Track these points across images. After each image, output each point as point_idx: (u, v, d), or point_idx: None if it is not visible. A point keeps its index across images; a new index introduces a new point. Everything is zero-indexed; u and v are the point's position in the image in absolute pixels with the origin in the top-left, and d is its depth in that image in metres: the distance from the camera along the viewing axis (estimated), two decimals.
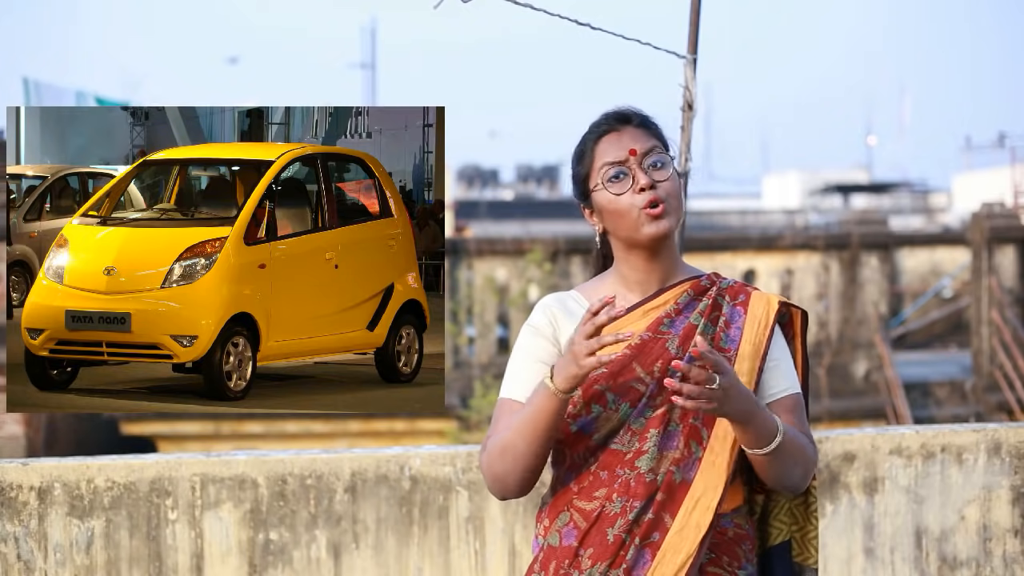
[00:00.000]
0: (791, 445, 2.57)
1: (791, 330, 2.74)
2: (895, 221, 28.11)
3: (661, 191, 2.64)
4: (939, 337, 19.53)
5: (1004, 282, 15.32)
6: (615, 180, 2.66)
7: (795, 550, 2.78)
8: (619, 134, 2.69)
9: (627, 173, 2.66)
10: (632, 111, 2.73)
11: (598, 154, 2.69)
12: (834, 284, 15.52)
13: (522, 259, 14.92)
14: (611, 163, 2.66)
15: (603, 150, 2.68)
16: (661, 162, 2.66)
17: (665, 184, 2.65)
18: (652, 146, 2.67)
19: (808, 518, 2.77)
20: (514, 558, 4.04)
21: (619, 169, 2.66)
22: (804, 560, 2.77)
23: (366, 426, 14.07)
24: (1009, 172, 23.82)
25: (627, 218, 2.65)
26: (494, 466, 2.61)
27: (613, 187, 2.66)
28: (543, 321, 2.69)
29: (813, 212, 40.50)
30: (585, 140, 2.72)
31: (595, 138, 2.70)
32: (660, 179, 2.65)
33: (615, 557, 2.55)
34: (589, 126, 2.73)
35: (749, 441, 2.54)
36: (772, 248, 15.68)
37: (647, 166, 2.65)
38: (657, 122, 2.75)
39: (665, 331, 2.63)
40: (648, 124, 2.72)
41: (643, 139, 2.68)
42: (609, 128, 2.70)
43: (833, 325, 15.47)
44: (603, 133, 2.70)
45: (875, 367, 15.25)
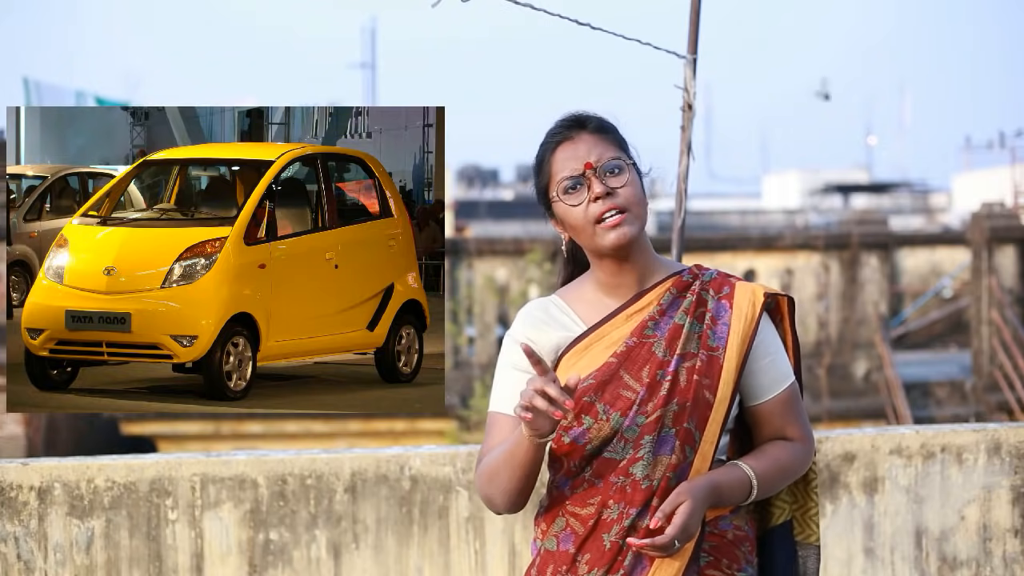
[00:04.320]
0: (772, 478, 2.64)
1: (778, 315, 2.73)
2: (895, 221, 28.09)
3: (619, 198, 2.60)
4: (939, 337, 19.52)
5: (1004, 282, 15.32)
6: (571, 192, 2.63)
7: (796, 529, 2.77)
8: (574, 143, 2.64)
9: (582, 183, 2.62)
10: (586, 115, 2.68)
11: (555, 166, 2.65)
12: (834, 284, 15.52)
13: (522, 259, 14.93)
14: (566, 176, 2.63)
15: (559, 161, 2.64)
16: (617, 167, 2.62)
17: (623, 190, 2.61)
18: (608, 156, 2.63)
19: (808, 495, 2.77)
20: (514, 558, 4.05)
21: (575, 180, 2.62)
22: (806, 538, 2.77)
23: (366, 426, 14.07)
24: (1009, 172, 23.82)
25: (586, 230, 2.62)
26: (483, 489, 2.64)
27: (569, 199, 2.63)
28: (522, 332, 2.69)
29: (813, 212, 40.48)
30: (543, 150, 2.68)
31: (551, 148, 2.66)
32: (616, 185, 2.61)
33: (612, 563, 2.55)
34: (545, 134, 2.70)
35: (729, 505, 2.61)
36: (772, 248, 15.67)
37: (603, 173, 2.61)
38: (614, 123, 2.70)
39: (650, 335, 2.61)
40: (604, 128, 2.67)
41: (598, 146, 2.64)
42: (563, 137, 2.66)
43: (833, 325, 15.47)
44: (558, 143, 2.66)
45: (875, 367, 15.25)
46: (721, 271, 2.73)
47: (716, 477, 2.56)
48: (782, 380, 2.68)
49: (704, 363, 2.59)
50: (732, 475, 2.59)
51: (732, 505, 2.61)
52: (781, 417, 2.68)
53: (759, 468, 2.61)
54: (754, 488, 2.60)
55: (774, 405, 2.67)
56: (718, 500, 2.56)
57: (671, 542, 2.48)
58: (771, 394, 2.67)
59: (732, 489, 2.58)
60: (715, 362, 2.60)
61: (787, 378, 2.69)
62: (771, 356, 2.67)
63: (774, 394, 2.67)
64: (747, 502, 2.62)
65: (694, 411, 2.56)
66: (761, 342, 2.66)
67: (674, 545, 2.49)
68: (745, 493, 2.60)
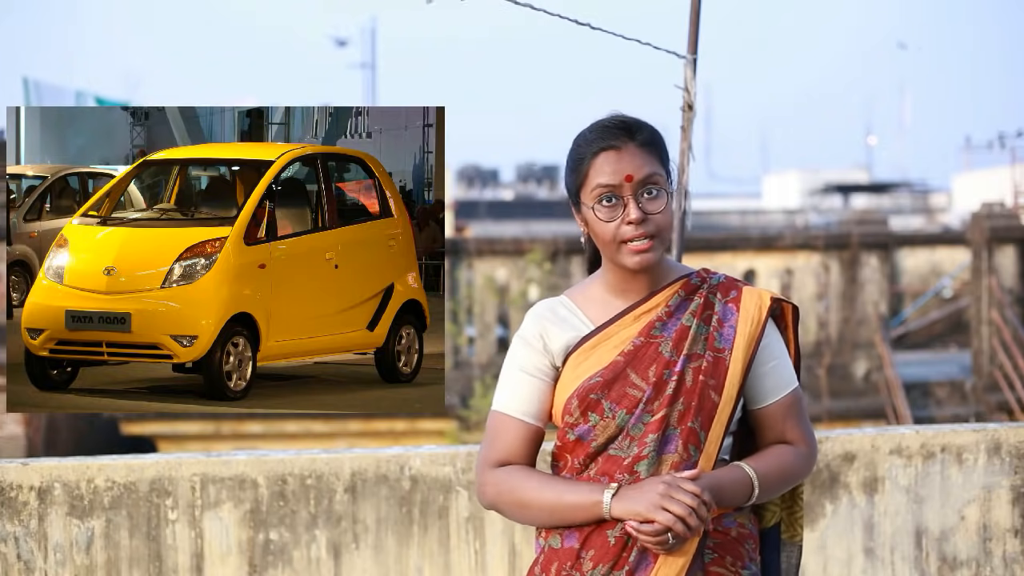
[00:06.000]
0: (773, 481, 2.65)
1: (783, 323, 2.74)
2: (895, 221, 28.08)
3: (652, 225, 2.59)
4: (939, 337, 19.51)
5: (1004, 282, 15.31)
6: (605, 205, 2.59)
7: (783, 529, 2.82)
8: (619, 153, 2.59)
9: (619, 199, 2.59)
10: (638, 125, 2.63)
11: (593, 171, 2.60)
12: (834, 284, 15.51)
13: (522, 259, 14.92)
14: (604, 185, 2.59)
15: (599, 168, 2.60)
16: (656, 192, 2.59)
17: (657, 217, 2.59)
18: (650, 173, 2.59)
19: (794, 499, 2.82)
20: (514, 558, 4.05)
21: (611, 193, 2.59)
22: (791, 538, 2.82)
23: (366, 426, 14.07)
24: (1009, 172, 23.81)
25: (611, 245, 2.61)
26: (502, 507, 2.65)
27: (602, 211, 2.59)
28: (532, 332, 2.69)
29: (813, 212, 40.47)
30: (583, 150, 2.63)
31: (594, 152, 2.61)
32: (653, 211, 2.59)
33: (617, 559, 2.56)
34: (591, 131, 2.64)
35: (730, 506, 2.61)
36: (772, 248, 15.67)
37: (641, 196, 2.59)
38: (662, 139, 2.66)
39: (657, 335, 2.62)
40: (651, 143, 2.63)
41: (643, 163, 2.59)
42: (609, 145, 2.60)
43: (833, 325, 15.47)
44: (603, 148, 2.60)
45: (875, 367, 15.25)
46: (729, 276, 2.74)
47: (719, 476, 2.57)
48: (786, 385, 2.70)
49: (710, 364, 2.60)
50: (734, 475, 2.60)
51: (733, 506, 2.62)
52: (783, 421, 2.69)
53: (761, 470, 2.63)
54: (755, 490, 2.61)
55: (777, 409, 2.69)
56: (719, 499, 2.56)
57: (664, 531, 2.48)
58: (774, 398, 2.69)
59: (734, 489, 2.59)
60: (721, 363, 2.61)
61: (791, 383, 2.70)
62: (776, 360, 2.69)
63: (777, 398, 2.69)
64: (747, 504, 2.63)
65: (699, 411, 2.57)
66: (766, 346, 2.67)
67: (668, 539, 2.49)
68: (746, 495, 2.61)
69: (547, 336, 2.67)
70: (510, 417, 2.67)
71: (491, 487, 2.66)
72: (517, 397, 2.67)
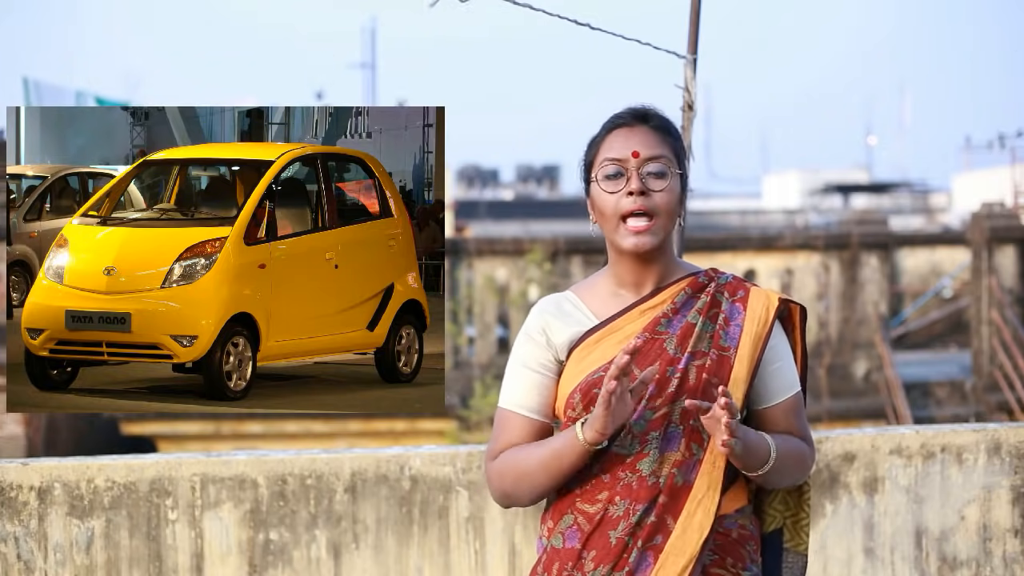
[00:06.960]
0: (786, 459, 2.62)
1: (789, 324, 2.74)
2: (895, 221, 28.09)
3: (652, 201, 2.60)
4: (939, 337, 19.51)
5: (1004, 282, 15.31)
6: (610, 178, 2.63)
7: (787, 536, 2.79)
8: (630, 131, 2.65)
9: (623, 173, 2.62)
10: (653, 112, 2.69)
11: (604, 147, 2.66)
12: (834, 284, 15.51)
13: (522, 259, 14.92)
14: (611, 159, 2.63)
15: (609, 144, 2.65)
16: (661, 172, 2.62)
17: (659, 195, 2.61)
18: (658, 153, 2.63)
19: (800, 505, 2.78)
20: (514, 558, 4.05)
21: (617, 168, 2.63)
22: (795, 546, 2.79)
23: (366, 426, 14.06)
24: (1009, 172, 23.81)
25: (611, 221, 2.63)
26: (505, 487, 2.64)
27: (606, 184, 2.63)
28: (536, 326, 2.69)
29: (813, 212, 40.49)
30: (600, 131, 2.69)
31: (607, 129, 2.67)
32: (655, 188, 2.61)
33: (618, 560, 2.56)
34: (609, 117, 2.70)
35: (744, 467, 2.57)
36: (772, 248, 15.66)
37: (645, 172, 2.61)
38: (677, 131, 2.70)
39: (662, 331, 2.62)
40: (664, 129, 2.67)
41: (652, 144, 2.64)
42: (623, 123, 2.66)
43: (833, 325, 15.46)
44: (616, 126, 2.67)
45: (875, 367, 15.25)
46: (737, 276, 2.74)
47: (746, 430, 2.54)
48: (789, 387, 2.69)
49: (714, 362, 2.60)
50: (758, 436, 2.58)
51: (745, 463, 2.56)
52: (785, 423, 2.69)
53: (780, 446, 2.61)
54: (771, 458, 2.58)
55: (780, 411, 2.68)
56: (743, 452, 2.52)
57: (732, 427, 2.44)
58: (777, 399, 2.68)
59: (755, 449, 2.55)
60: (725, 362, 2.60)
61: (794, 386, 2.70)
62: (781, 362, 2.68)
63: (780, 399, 2.68)
64: (758, 473, 2.58)
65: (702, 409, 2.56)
66: (772, 347, 2.67)
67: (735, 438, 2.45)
68: (762, 460, 2.57)
69: (550, 330, 2.68)
70: (514, 413, 2.67)
71: (495, 475, 2.66)
72: (520, 393, 2.67)
